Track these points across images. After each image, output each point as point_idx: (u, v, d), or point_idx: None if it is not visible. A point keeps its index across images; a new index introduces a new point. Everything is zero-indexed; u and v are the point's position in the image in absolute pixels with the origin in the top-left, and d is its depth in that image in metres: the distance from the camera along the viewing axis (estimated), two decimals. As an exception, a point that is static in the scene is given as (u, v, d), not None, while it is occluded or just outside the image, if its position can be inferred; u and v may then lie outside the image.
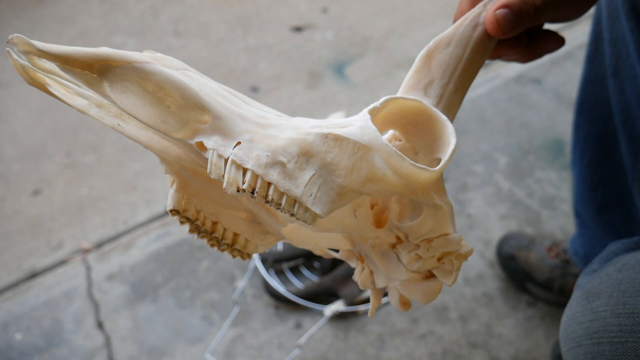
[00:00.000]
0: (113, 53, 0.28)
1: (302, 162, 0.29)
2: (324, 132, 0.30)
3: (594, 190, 0.76)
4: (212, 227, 0.36)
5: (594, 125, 0.72)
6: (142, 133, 0.33)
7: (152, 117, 0.29)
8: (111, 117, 0.32)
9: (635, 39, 0.55)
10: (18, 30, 1.55)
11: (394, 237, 0.36)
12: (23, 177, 1.17)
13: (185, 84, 0.29)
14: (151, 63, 0.29)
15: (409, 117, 0.34)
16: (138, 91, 0.29)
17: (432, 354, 0.84)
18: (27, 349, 0.88)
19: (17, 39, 0.27)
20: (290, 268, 0.96)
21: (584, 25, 1.43)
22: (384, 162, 0.30)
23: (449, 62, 0.37)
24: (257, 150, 0.29)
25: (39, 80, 0.30)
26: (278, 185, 0.29)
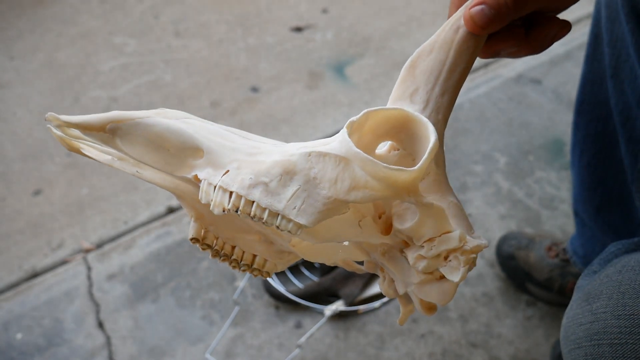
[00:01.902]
0: (119, 114, 0.35)
1: (285, 180, 0.33)
2: (307, 151, 0.33)
3: (593, 191, 0.76)
4: (230, 251, 0.40)
5: (593, 125, 0.72)
6: (157, 176, 0.39)
7: (158, 161, 0.35)
8: (131, 167, 0.39)
9: (635, 40, 0.56)
10: (18, 30, 1.55)
11: (401, 242, 0.37)
12: (24, 177, 1.17)
13: (181, 128, 0.34)
14: (151, 117, 0.35)
15: (397, 126, 0.35)
16: (143, 142, 0.35)
17: (432, 354, 0.84)
18: (28, 348, 0.89)
19: (50, 117, 0.35)
20: (290, 268, 0.96)
21: (584, 26, 1.43)
22: (364, 170, 0.32)
23: (432, 67, 0.37)
24: (242, 175, 0.33)
25: (75, 146, 0.38)
26: (260, 202, 0.33)
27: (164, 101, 1.33)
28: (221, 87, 1.36)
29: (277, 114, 1.28)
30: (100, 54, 1.47)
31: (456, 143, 1.15)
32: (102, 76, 1.41)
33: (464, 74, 0.39)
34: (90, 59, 1.46)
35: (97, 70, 1.42)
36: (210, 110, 1.30)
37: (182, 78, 1.39)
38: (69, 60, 1.46)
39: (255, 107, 1.30)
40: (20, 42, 1.52)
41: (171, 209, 1.08)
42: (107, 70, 1.42)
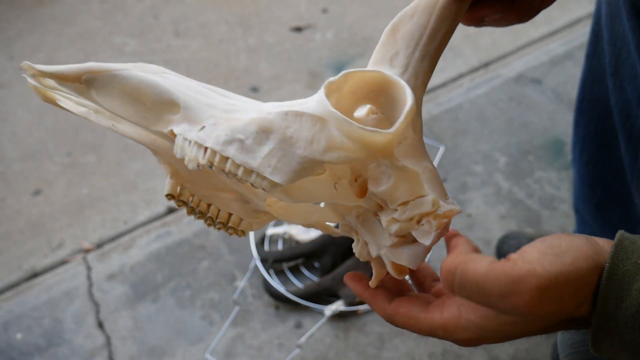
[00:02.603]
0: (95, 65, 0.34)
1: (261, 138, 0.33)
2: (284, 110, 0.33)
3: (593, 189, 0.76)
4: (206, 209, 0.40)
5: (593, 124, 0.72)
6: (133, 130, 0.38)
7: (134, 114, 0.35)
8: (107, 120, 0.38)
9: (636, 38, 0.55)
10: (18, 30, 1.55)
11: (376, 205, 0.37)
12: (23, 177, 1.17)
13: (158, 82, 0.34)
14: (129, 70, 0.34)
15: (376, 89, 0.35)
16: (119, 94, 0.35)
17: (432, 354, 0.84)
18: (28, 348, 0.88)
19: (25, 65, 0.35)
20: (290, 268, 0.96)
21: (584, 25, 1.43)
22: (339, 131, 0.33)
23: (413, 32, 0.37)
24: (217, 131, 0.33)
25: (50, 96, 0.38)
26: (235, 159, 0.33)
27: (164, 101, 1.33)
28: (221, 87, 1.35)
29: (277, 114, 1.28)
30: (100, 54, 1.47)
31: (456, 143, 1.15)
32: (102, 76, 1.41)
33: (445, 39, 0.38)
34: (91, 59, 1.46)
35: (97, 70, 1.42)
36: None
37: (182, 78, 1.39)
38: (69, 60, 1.46)
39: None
40: (20, 42, 1.52)
41: (171, 209, 1.08)
42: (107, 70, 1.42)
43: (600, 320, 0.31)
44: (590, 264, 0.30)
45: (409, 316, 0.36)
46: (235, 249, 0.99)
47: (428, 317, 0.35)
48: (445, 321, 0.34)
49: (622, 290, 0.30)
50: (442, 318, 0.34)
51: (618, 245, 0.31)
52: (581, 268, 0.30)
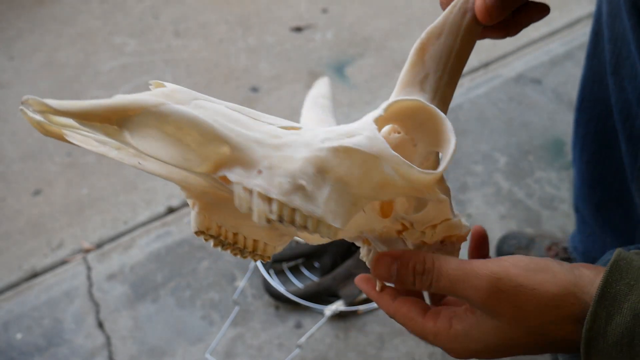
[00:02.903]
0: (128, 102, 0.29)
1: (319, 181, 0.31)
2: (334, 145, 0.32)
3: (593, 188, 0.76)
4: (233, 239, 0.38)
5: (593, 123, 0.72)
6: (162, 167, 0.34)
7: (174, 156, 0.30)
8: (131, 157, 0.33)
9: (636, 36, 0.55)
10: (18, 30, 1.55)
11: (400, 225, 0.38)
12: (23, 177, 1.17)
13: (200, 119, 0.30)
14: (165, 104, 0.29)
15: (408, 112, 0.36)
16: (158, 135, 0.30)
17: (432, 354, 0.84)
18: (28, 348, 0.88)
19: (32, 101, 0.27)
20: (290, 268, 0.96)
21: (584, 25, 1.43)
22: (393, 170, 0.32)
23: (442, 53, 0.37)
24: (278, 177, 0.30)
25: (56, 132, 0.31)
26: (301, 209, 0.30)
27: (164, 101, 1.33)
28: (221, 87, 1.36)
29: (277, 114, 1.27)
30: (100, 54, 1.47)
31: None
32: (102, 76, 1.41)
33: (466, 61, 0.39)
34: (90, 59, 1.46)
35: (97, 70, 1.42)
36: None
37: (182, 78, 1.39)
38: (69, 60, 1.46)
39: (255, 107, 1.30)
40: (20, 42, 1.52)
41: (171, 209, 1.08)
42: (107, 70, 1.42)
43: (590, 336, 0.32)
44: (561, 290, 0.33)
45: (408, 317, 0.38)
46: (235, 249, 0.99)
47: (423, 322, 0.38)
48: (436, 330, 0.37)
49: (613, 308, 0.31)
50: (434, 327, 0.37)
51: (614, 265, 0.32)
52: (548, 291, 0.33)
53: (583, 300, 0.33)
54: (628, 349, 0.31)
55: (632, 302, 0.31)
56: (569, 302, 0.33)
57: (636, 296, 0.31)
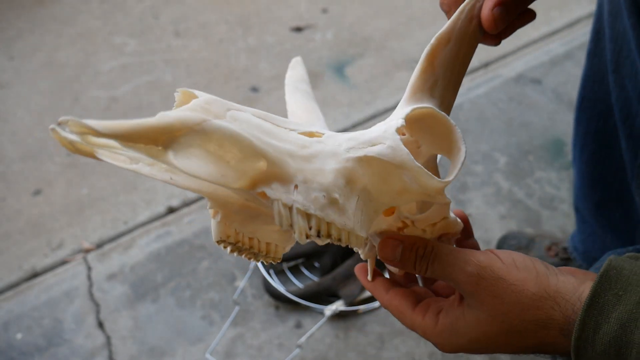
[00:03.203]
0: (174, 122, 0.28)
1: (348, 193, 0.32)
2: (359, 155, 0.33)
3: (593, 187, 0.76)
4: (249, 243, 0.38)
5: (594, 121, 0.72)
6: (194, 182, 0.34)
7: (213, 173, 0.30)
8: (163, 173, 0.33)
9: (636, 35, 0.55)
10: (18, 30, 1.55)
11: (401, 222, 0.40)
12: (23, 177, 1.17)
13: (241, 135, 0.29)
14: (207, 120, 0.29)
15: (419, 118, 0.37)
16: (201, 154, 0.29)
17: (432, 354, 0.84)
18: (28, 348, 0.88)
19: (72, 122, 0.26)
20: (290, 268, 0.96)
21: (584, 25, 1.43)
22: (412, 178, 0.34)
23: (449, 60, 0.38)
24: (313, 192, 0.31)
25: (87, 150, 0.30)
26: (336, 222, 0.31)
27: (164, 101, 1.33)
28: (221, 87, 1.36)
29: (277, 114, 1.28)
30: (100, 54, 1.47)
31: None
32: (102, 76, 1.41)
33: (468, 66, 0.41)
34: (90, 59, 1.46)
35: (97, 70, 1.42)
36: (210, 110, 1.30)
37: (182, 78, 1.39)
38: (69, 60, 1.46)
39: (255, 107, 1.30)
40: (20, 42, 1.52)
41: (171, 209, 1.08)
42: (107, 70, 1.42)
43: (579, 344, 0.33)
44: (540, 291, 0.34)
45: (399, 310, 0.40)
46: (235, 249, 0.99)
47: (413, 315, 0.40)
48: (425, 325, 0.39)
49: (601, 317, 0.32)
50: (422, 321, 0.39)
51: (603, 275, 0.33)
52: (527, 289, 0.34)
53: (563, 307, 0.34)
54: (615, 357, 0.32)
55: (620, 312, 0.32)
56: (548, 305, 0.34)
57: (624, 306, 0.32)
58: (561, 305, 0.34)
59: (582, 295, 0.34)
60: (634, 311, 0.32)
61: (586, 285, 0.34)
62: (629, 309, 0.32)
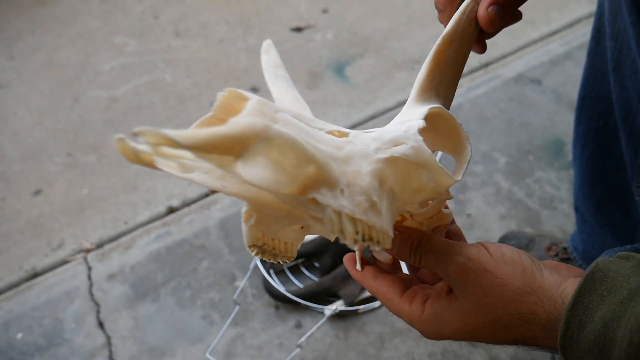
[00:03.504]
0: (247, 130, 0.27)
1: (380, 194, 0.33)
2: (387, 156, 0.34)
3: (594, 186, 0.76)
4: (272, 244, 0.38)
5: (594, 121, 0.72)
6: (243, 188, 0.34)
7: (268, 180, 0.29)
8: (215, 181, 0.33)
9: (636, 33, 0.55)
10: (19, 30, 1.55)
11: (400, 216, 0.42)
12: (24, 177, 1.17)
13: (298, 141, 0.29)
14: (270, 126, 0.28)
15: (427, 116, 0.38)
16: (265, 162, 0.29)
17: (432, 354, 0.84)
18: (28, 348, 0.89)
19: (149, 133, 0.25)
20: (290, 268, 0.96)
21: (584, 25, 1.43)
22: (430, 177, 0.35)
23: (453, 60, 0.40)
24: (357, 196, 0.31)
25: (148, 160, 0.29)
26: (376, 225, 0.32)
27: (164, 101, 1.33)
28: (221, 87, 1.36)
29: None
30: (100, 54, 1.47)
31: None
32: (102, 76, 1.41)
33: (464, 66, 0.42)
34: (90, 59, 1.46)
35: (97, 70, 1.42)
36: (210, 110, 1.30)
37: (182, 78, 1.39)
38: (69, 60, 1.46)
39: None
40: (20, 42, 1.52)
41: (171, 209, 1.08)
42: (107, 70, 1.42)
43: (564, 343, 0.34)
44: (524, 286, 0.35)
45: (387, 297, 0.41)
46: (235, 249, 0.99)
47: (400, 303, 0.41)
48: (411, 313, 0.40)
49: (585, 316, 0.33)
50: (409, 309, 0.40)
51: (588, 276, 0.34)
52: (512, 283, 0.35)
53: (546, 303, 0.35)
54: (599, 355, 0.33)
55: (603, 312, 0.32)
56: (532, 300, 0.35)
57: (607, 306, 0.33)
58: (544, 301, 0.35)
59: (564, 293, 0.35)
60: (617, 310, 0.32)
61: (569, 283, 0.35)
62: (612, 309, 0.32)
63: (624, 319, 0.32)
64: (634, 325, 0.31)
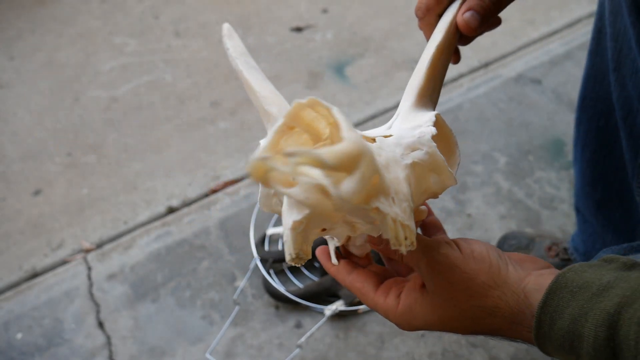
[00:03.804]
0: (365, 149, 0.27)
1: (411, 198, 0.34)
2: (410, 162, 0.36)
3: (594, 186, 0.76)
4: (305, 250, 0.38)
5: (595, 121, 0.72)
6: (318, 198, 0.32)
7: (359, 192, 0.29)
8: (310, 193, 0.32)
9: (636, 33, 0.55)
10: (19, 30, 1.55)
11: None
12: (24, 177, 1.17)
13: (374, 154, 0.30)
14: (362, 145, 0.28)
15: None
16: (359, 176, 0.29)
17: (432, 354, 0.84)
18: (28, 348, 0.89)
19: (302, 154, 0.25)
20: (290, 268, 0.96)
21: (584, 25, 1.43)
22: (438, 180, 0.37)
23: (443, 68, 0.43)
24: (403, 203, 0.33)
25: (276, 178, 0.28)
26: (413, 229, 0.33)
27: (164, 101, 1.33)
28: (221, 87, 1.36)
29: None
30: (100, 54, 1.47)
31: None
32: (102, 76, 1.41)
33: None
34: (90, 59, 1.46)
35: (97, 70, 1.42)
36: (210, 110, 1.30)
37: (182, 78, 1.39)
38: (69, 60, 1.46)
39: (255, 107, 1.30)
40: (20, 42, 1.52)
41: (171, 209, 1.08)
42: (107, 70, 1.42)
43: (539, 342, 0.36)
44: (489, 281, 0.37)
45: (362, 292, 0.43)
46: (235, 249, 0.99)
47: (375, 297, 0.42)
48: (386, 307, 0.42)
49: (556, 313, 0.34)
50: (384, 303, 0.42)
51: (560, 275, 0.36)
52: (477, 278, 0.37)
53: (509, 297, 0.37)
54: (570, 350, 0.34)
55: (573, 308, 0.34)
56: (496, 295, 0.37)
57: (576, 302, 0.34)
58: (507, 296, 0.37)
59: (527, 288, 0.37)
60: (585, 306, 0.33)
61: (531, 278, 0.37)
62: (581, 304, 0.33)
63: (590, 314, 0.33)
64: (599, 320, 0.32)
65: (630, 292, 0.32)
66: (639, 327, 0.31)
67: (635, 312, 0.31)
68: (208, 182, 1.13)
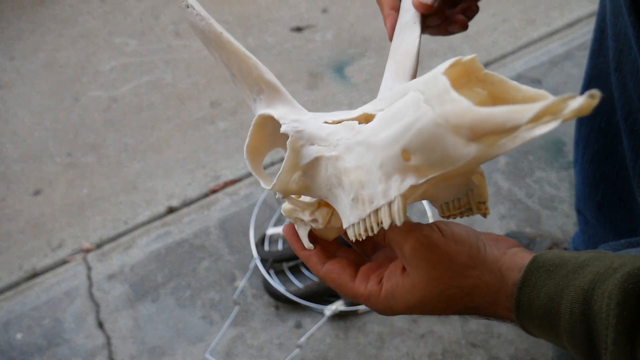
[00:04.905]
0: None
1: None
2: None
3: (595, 187, 0.76)
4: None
5: (596, 121, 0.72)
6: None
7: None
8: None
9: (636, 33, 0.55)
10: (19, 30, 1.55)
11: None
12: (24, 177, 1.17)
13: None
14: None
15: None
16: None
17: (432, 354, 0.84)
18: (28, 348, 0.89)
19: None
20: (290, 268, 0.96)
21: (584, 25, 1.43)
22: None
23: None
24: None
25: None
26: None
27: (164, 101, 1.33)
28: (221, 87, 1.36)
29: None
30: (100, 54, 1.47)
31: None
32: (102, 76, 1.41)
33: None
34: (90, 59, 1.46)
35: (97, 70, 1.42)
36: (210, 110, 1.30)
37: (182, 78, 1.39)
38: (69, 60, 1.46)
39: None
40: (20, 42, 1.52)
41: (171, 209, 1.08)
42: (107, 70, 1.42)
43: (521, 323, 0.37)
44: (469, 262, 0.38)
45: (338, 283, 0.43)
46: (235, 249, 0.99)
47: (354, 287, 0.42)
48: (368, 293, 0.41)
49: (533, 293, 0.35)
50: (365, 290, 0.42)
51: (538, 256, 0.37)
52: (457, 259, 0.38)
53: (488, 277, 0.38)
54: (550, 329, 0.35)
55: (549, 287, 0.35)
56: (475, 275, 0.38)
57: (552, 280, 0.35)
58: (486, 275, 0.38)
59: (502, 267, 0.38)
60: (560, 284, 0.34)
61: (507, 257, 0.39)
62: (557, 282, 0.35)
63: (566, 291, 0.34)
64: (574, 296, 0.33)
65: (604, 270, 0.33)
66: (610, 300, 0.32)
67: (607, 287, 0.32)
68: (208, 182, 1.13)
